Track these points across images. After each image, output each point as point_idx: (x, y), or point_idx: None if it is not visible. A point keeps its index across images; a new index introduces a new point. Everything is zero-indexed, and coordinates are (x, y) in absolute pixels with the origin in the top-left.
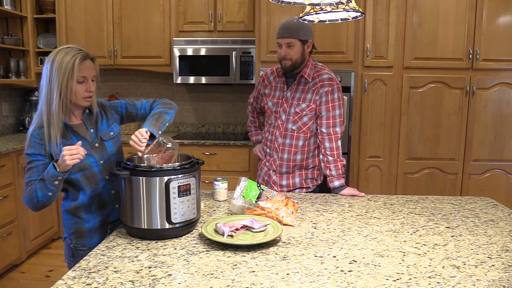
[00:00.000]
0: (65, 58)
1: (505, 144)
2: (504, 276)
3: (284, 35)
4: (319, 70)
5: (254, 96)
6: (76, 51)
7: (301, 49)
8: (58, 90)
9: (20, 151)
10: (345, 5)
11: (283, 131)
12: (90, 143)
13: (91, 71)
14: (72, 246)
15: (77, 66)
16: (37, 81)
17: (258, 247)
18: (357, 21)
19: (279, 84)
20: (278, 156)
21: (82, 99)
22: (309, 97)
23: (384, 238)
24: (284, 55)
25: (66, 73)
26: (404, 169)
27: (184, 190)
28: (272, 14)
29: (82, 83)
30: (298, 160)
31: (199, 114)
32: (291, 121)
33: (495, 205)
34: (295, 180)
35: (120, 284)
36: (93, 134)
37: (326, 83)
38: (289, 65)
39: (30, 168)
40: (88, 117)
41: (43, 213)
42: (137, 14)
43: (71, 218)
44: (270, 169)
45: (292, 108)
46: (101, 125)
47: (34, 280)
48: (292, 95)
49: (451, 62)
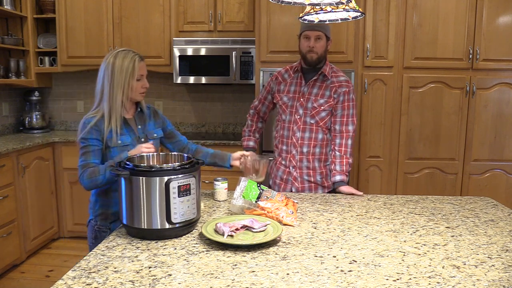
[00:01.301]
0: (125, 60)
1: (505, 144)
2: (504, 276)
3: (314, 27)
4: (335, 71)
5: (261, 97)
6: (133, 54)
7: (325, 44)
8: (121, 88)
9: (20, 151)
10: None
11: (301, 125)
12: (136, 136)
13: (145, 70)
14: (96, 228)
15: (137, 66)
16: (37, 81)
17: (258, 247)
18: (357, 21)
19: (295, 80)
20: (297, 150)
21: (139, 94)
22: (327, 94)
23: (384, 238)
24: (312, 47)
25: (128, 73)
26: (404, 169)
27: (184, 190)
28: (272, 14)
29: (139, 81)
30: (317, 153)
31: (199, 114)
32: (309, 115)
33: (495, 205)
34: (316, 178)
35: (120, 284)
36: (140, 130)
37: (343, 84)
38: (316, 58)
39: (86, 152)
40: (138, 114)
41: (43, 213)
42: (137, 14)
43: (101, 200)
44: (290, 166)
45: (310, 103)
46: (149, 125)
47: (34, 280)
48: (309, 90)
49: (451, 62)
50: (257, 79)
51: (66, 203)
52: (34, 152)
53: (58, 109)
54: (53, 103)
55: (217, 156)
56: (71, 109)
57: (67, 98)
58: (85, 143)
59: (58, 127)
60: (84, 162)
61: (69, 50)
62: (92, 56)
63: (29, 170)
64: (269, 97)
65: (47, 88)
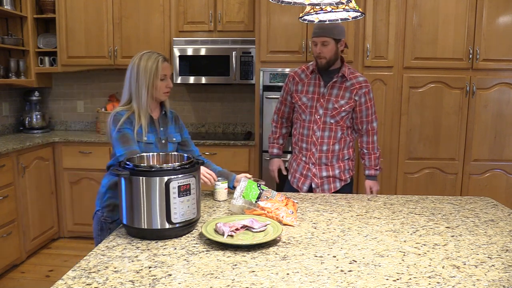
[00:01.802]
0: (149, 61)
1: (505, 144)
2: (504, 276)
3: (319, 34)
4: (353, 72)
5: (281, 99)
6: (156, 55)
7: (334, 47)
8: (146, 87)
9: (20, 151)
10: (345, 5)
11: (321, 124)
12: (158, 137)
13: (168, 70)
14: (102, 219)
15: (160, 67)
16: (37, 81)
17: (258, 247)
18: (357, 21)
19: (313, 81)
20: (317, 148)
21: (163, 94)
22: (347, 95)
23: (384, 238)
24: (319, 52)
25: (152, 73)
26: (404, 169)
27: (184, 190)
28: (272, 14)
29: (163, 80)
30: (336, 150)
31: (199, 114)
32: (329, 115)
33: (495, 205)
34: (335, 172)
35: (120, 284)
36: (162, 132)
37: (363, 85)
38: (325, 63)
39: (127, 140)
40: (162, 117)
41: (43, 213)
42: (137, 14)
43: (111, 192)
44: (309, 163)
45: (330, 104)
46: (170, 128)
47: (34, 280)
48: (329, 91)
49: (451, 62)
50: (257, 79)
51: (66, 203)
52: (34, 152)
53: (58, 109)
54: (53, 103)
55: (222, 174)
56: (71, 109)
57: (67, 98)
58: (122, 131)
59: (58, 127)
60: (129, 149)
61: (69, 50)
62: (92, 56)
63: (29, 170)
64: (289, 98)
65: (47, 88)
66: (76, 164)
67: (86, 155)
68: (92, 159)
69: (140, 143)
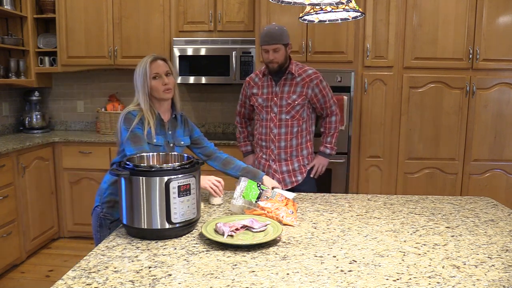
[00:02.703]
0: (141, 65)
1: (505, 144)
2: (504, 276)
3: (270, 42)
4: (301, 67)
5: (241, 103)
6: (148, 57)
7: (284, 51)
8: (142, 90)
9: (20, 151)
10: (345, 5)
11: (277, 122)
12: (166, 140)
13: (163, 68)
14: (102, 215)
15: (149, 67)
16: (37, 81)
17: (258, 247)
18: (357, 21)
19: (266, 82)
20: (275, 145)
21: (163, 92)
22: (299, 90)
23: (384, 238)
24: (272, 59)
25: (143, 75)
26: (404, 169)
27: (184, 190)
28: (272, 14)
29: (157, 79)
30: (294, 145)
31: (199, 114)
32: (284, 112)
33: (495, 205)
34: (294, 166)
35: (120, 284)
36: (170, 136)
37: (313, 77)
38: (276, 67)
39: (138, 140)
40: (171, 120)
41: (43, 213)
42: (137, 14)
43: (112, 188)
44: (269, 160)
45: (283, 101)
46: (178, 132)
47: (34, 280)
48: (281, 89)
49: (451, 62)
50: None
51: (66, 203)
52: (34, 152)
53: (58, 109)
54: (53, 103)
55: (249, 172)
56: (71, 109)
57: (67, 98)
58: (134, 131)
59: (58, 127)
60: (140, 149)
61: (69, 50)
62: (92, 56)
63: (29, 170)
64: (247, 101)
65: (47, 88)
66: (76, 164)
67: (86, 155)
68: (92, 159)
69: (149, 145)
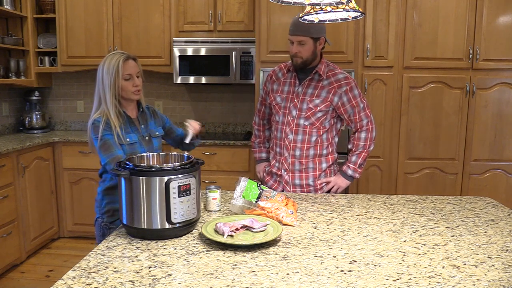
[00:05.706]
0: (111, 62)
1: (505, 144)
2: (504, 276)
3: (295, 32)
4: (332, 69)
5: (261, 99)
6: (119, 54)
7: (313, 47)
8: (109, 88)
9: (20, 151)
10: (345, 5)
11: (294, 127)
12: (141, 135)
13: (134, 69)
14: (103, 225)
15: (122, 66)
16: (37, 81)
17: (258, 247)
18: (357, 21)
19: (289, 80)
20: (289, 153)
21: (132, 93)
22: (323, 95)
23: (384, 238)
24: (295, 52)
25: (113, 73)
26: (404, 169)
27: (184, 190)
28: (272, 14)
29: (128, 80)
30: (311, 156)
31: (199, 114)
32: (303, 116)
33: (495, 205)
34: (308, 181)
35: (120, 284)
36: (144, 129)
37: (343, 83)
38: (300, 62)
39: (108, 147)
40: (141, 114)
41: (43, 213)
42: (137, 14)
43: (107, 198)
44: (282, 169)
45: (304, 104)
46: (150, 124)
47: (34, 280)
48: (304, 90)
49: (451, 62)
50: (257, 79)
51: (66, 203)
52: (34, 152)
53: (58, 109)
54: (53, 103)
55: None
56: (71, 109)
57: (67, 98)
58: (103, 139)
59: (58, 127)
60: (111, 156)
61: (69, 50)
62: (92, 56)
63: (29, 170)
64: (267, 98)
65: (47, 88)
66: (76, 164)
67: (86, 155)
68: (92, 159)
69: (123, 145)
